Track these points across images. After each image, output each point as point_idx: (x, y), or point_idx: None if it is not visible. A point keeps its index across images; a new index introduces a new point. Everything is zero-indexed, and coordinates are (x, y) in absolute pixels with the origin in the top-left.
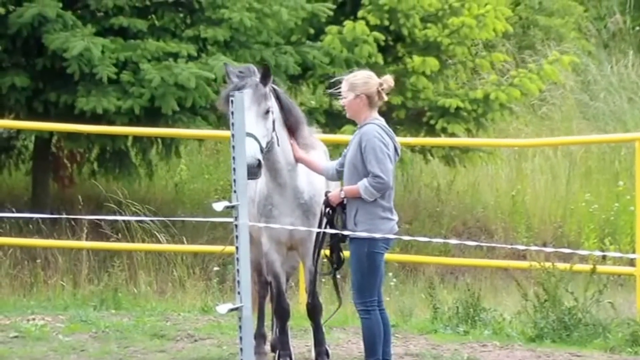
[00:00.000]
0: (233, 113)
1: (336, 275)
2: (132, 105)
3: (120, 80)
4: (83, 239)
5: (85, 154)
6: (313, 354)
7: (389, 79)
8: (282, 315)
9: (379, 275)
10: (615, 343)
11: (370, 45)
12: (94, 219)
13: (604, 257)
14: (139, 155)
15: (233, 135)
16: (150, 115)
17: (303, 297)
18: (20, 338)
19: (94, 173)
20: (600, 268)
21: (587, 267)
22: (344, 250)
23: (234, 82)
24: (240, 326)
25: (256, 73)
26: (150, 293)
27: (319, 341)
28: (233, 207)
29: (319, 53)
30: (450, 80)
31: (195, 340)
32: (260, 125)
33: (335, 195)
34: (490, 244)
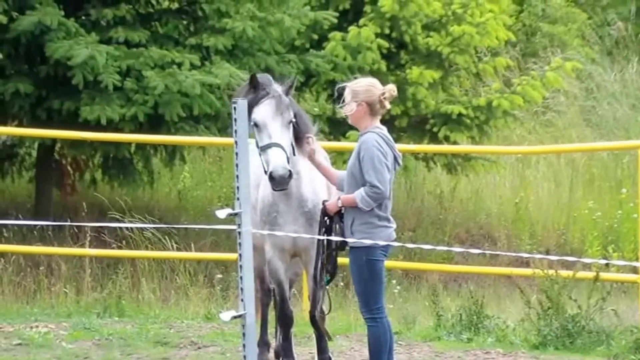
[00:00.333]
0: (235, 120)
1: (327, 285)
2: (136, 112)
3: (124, 87)
4: (86, 247)
5: (88, 161)
6: None
7: (392, 88)
8: (286, 322)
9: (381, 283)
10: (619, 350)
11: (373, 52)
12: (97, 226)
13: (607, 265)
14: (142, 163)
15: (236, 142)
16: (154, 123)
17: (306, 305)
18: (23, 345)
19: (94, 181)
20: (604, 275)
21: (590, 275)
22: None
23: (256, 93)
24: (243, 333)
25: (273, 82)
26: (154, 300)
27: (322, 349)
28: (236, 215)
29: (323, 61)
30: (453, 86)
31: (199, 348)
32: (285, 135)
33: (333, 204)
34: (493, 252)
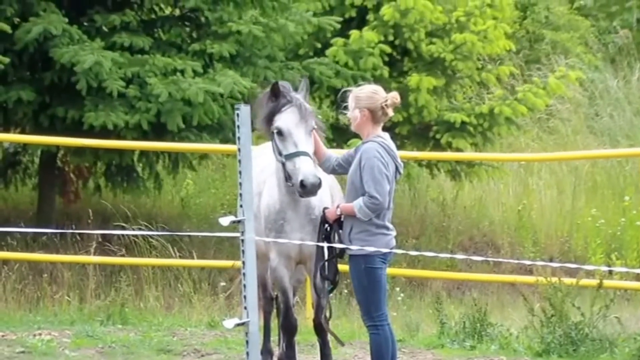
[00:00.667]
0: (239, 127)
1: (330, 293)
2: (140, 120)
3: (127, 95)
4: (90, 254)
5: (91, 168)
6: None
7: (394, 95)
8: (290, 330)
9: (382, 290)
10: (622, 358)
11: (375, 57)
12: (100, 234)
13: (610, 272)
14: (146, 170)
15: (239, 150)
16: (157, 131)
17: (310, 312)
18: (26, 353)
19: (99, 188)
20: (607, 283)
21: (594, 282)
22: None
23: (277, 101)
24: (247, 341)
25: (292, 89)
26: (157, 308)
27: (325, 356)
28: (239, 222)
29: (326, 68)
30: (457, 94)
31: (202, 356)
32: (309, 143)
33: (332, 212)
34: (496, 259)
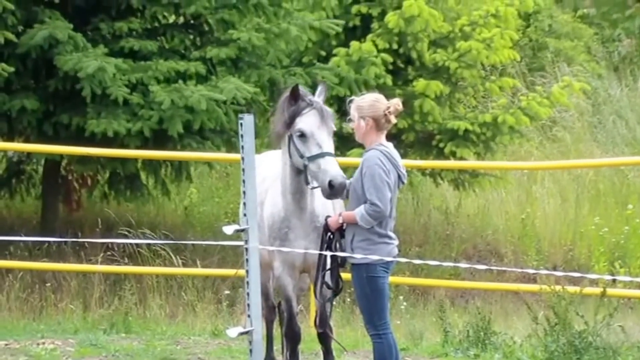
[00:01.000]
0: (242, 136)
1: (333, 301)
2: (142, 127)
3: (130, 102)
4: (94, 263)
5: (95, 177)
6: None
7: (397, 102)
8: (293, 338)
9: (384, 298)
10: None
11: (377, 66)
12: (104, 242)
13: (614, 281)
14: (152, 178)
15: (243, 159)
16: (160, 138)
17: (313, 321)
18: None
19: (105, 196)
20: (611, 291)
21: (598, 291)
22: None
23: (297, 104)
24: (250, 350)
25: (309, 93)
26: (161, 316)
27: None
28: (243, 231)
29: (329, 74)
30: (460, 103)
31: None
32: (331, 144)
33: (334, 220)
34: (500, 268)
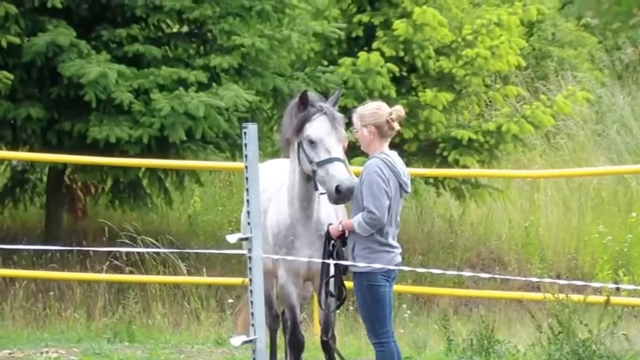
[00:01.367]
0: (246, 145)
1: (337, 310)
2: (142, 134)
3: (132, 110)
4: (97, 272)
5: (99, 185)
6: None
7: (399, 109)
8: (297, 347)
9: (386, 307)
10: None
11: (383, 76)
12: (108, 251)
13: (617, 289)
14: (156, 186)
15: (246, 167)
16: (161, 145)
17: (317, 329)
18: None
19: (112, 203)
20: (614, 299)
21: (601, 299)
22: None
23: (307, 110)
24: (254, 358)
25: (319, 99)
26: (165, 325)
27: None
28: (247, 239)
29: (332, 76)
30: (464, 111)
31: None
32: (341, 150)
33: (335, 228)
34: (504, 276)
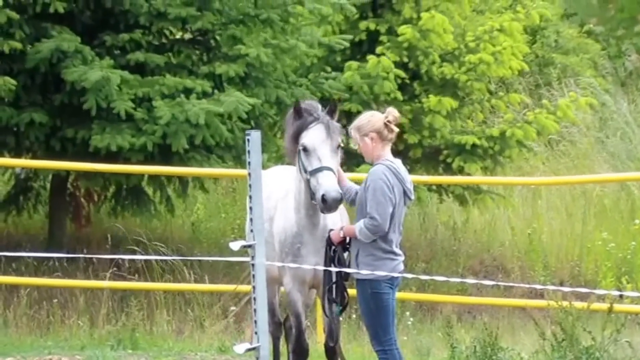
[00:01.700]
0: (249, 152)
1: (340, 315)
2: (145, 142)
3: (135, 117)
4: (101, 279)
5: (101, 192)
6: None
7: (392, 111)
8: (301, 354)
9: (389, 314)
10: None
11: (391, 81)
12: (111, 258)
13: (621, 296)
14: (157, 193)
15: (250, 174)
16: (164, 153)
17: (320, 337)
18: None
19: (114, 211)
20: (618, 307)
21: (605, 306)
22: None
23: (304, 118)
24: None
25: (320, 108)
26: (168, 332)
27: None
28: (250, 247)
29: (335, 82)
30: (467, 119)
31: None
32: (334, 160)
33: (336, 234)
34: (507, 284)
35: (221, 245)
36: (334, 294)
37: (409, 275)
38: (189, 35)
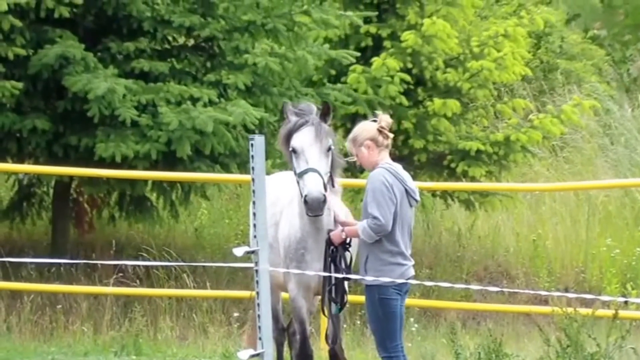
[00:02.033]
0: (253, 157)
1: (339, 313)
2: (150, 149)
3: (139, 124)
4: (104, 285)
5: (105, 198)
6: None
7: (384, 117)
8: None
9: (397, 321)
10: None
11: (396, 85)
12: (115, 264)
13: (626, 303)
14: (161, 200)
15: (253, 180)
16: (169, 160)
17: (324, 343)
18: None
19: (114, 218)
20: (623, 313)
21: (610, 313)
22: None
23: (294, 120)
24: None
25: (315, 111)
26: (172, 338)
27: None
28: (253, 252)
29: (340, 94)
30: (471, 124)
31: None
32: (322, 162)
33: (337, 234)
34: (512, 290)
35: (225, 251)
36: (333, 294)
37: (413, 282)
38: (192, 42)
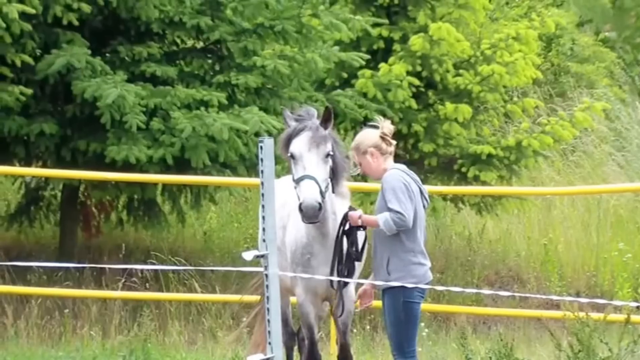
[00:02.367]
0: (262, 160)
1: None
2: (164, 154)
3: (150, 127)
4: (113, 289)
5: (113, 202)
6: None
7: (386, 124)
8: None
9: (417, 324)
10: None
11: (404, 89)
12: (123, 268)
13: (638, 307)
14: (168, 204)
15: (262, 183)
16: (180, 166)
17: (334, 349)
18: None
19: (122, 222)
20: (635, 318)
21: (621, 317)
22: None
23: (293, 126)
24: None
25: (315, 116)
26: (180, 343)
27: None
28: (263, 257)
29: (350, 101)
30: (482, 126)
31: None
32: (320, 168)
33: (355, 216)
34: (523, 294)
35: (234, 255)
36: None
37: (423, 286)
38: (201, 44)
